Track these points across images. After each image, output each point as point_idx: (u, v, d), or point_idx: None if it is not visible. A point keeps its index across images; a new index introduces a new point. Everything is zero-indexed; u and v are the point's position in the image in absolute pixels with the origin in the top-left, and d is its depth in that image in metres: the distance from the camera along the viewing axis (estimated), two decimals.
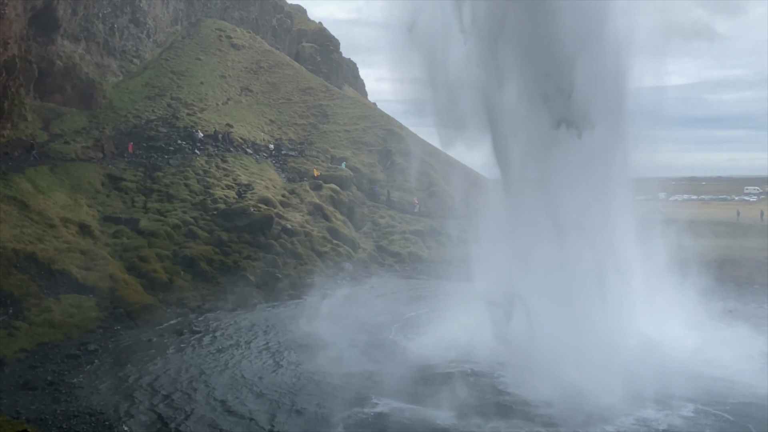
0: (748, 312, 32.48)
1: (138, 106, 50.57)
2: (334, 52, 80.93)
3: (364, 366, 23.42)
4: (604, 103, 24.51)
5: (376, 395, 20.55)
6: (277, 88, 63.56)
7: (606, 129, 24.47)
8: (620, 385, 19.45)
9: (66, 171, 39.16)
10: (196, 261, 35.59)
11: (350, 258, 42.61)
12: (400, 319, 30.53)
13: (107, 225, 36.52)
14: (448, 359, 23.82)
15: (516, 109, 24.51)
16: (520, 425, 18.35)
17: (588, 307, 21.30)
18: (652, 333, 23.67)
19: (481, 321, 24.34)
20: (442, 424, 18.48)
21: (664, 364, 21.52)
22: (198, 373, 22.94)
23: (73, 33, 46.99)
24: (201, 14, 66.15)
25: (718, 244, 44.08)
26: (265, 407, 19.88)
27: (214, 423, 18.68)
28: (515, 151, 24.73)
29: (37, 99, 43.72)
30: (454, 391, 20.40)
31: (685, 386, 20.41)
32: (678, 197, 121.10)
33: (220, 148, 49.65)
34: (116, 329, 27.92)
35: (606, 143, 24.51)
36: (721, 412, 19.35)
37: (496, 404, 19.85)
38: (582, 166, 23.23)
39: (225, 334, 28.18)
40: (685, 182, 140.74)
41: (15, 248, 29.16)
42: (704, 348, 24.27)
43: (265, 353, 25.56)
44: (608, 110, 24.78)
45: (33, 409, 19.28)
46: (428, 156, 58.11)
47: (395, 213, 51.17)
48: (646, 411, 19.24)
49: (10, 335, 24.63)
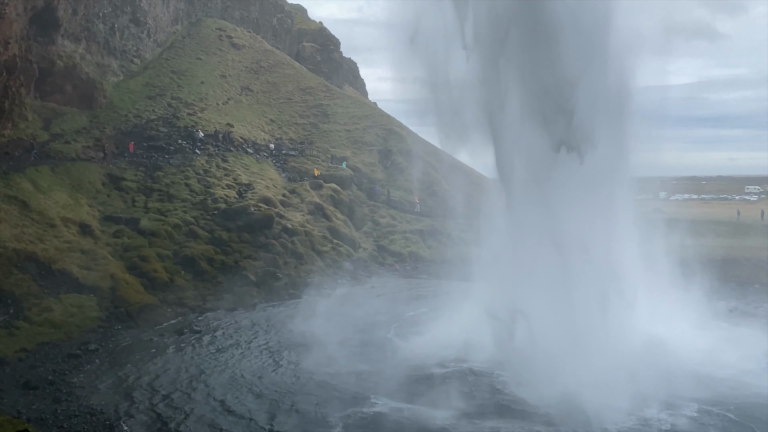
0: (749, 311, 32.53)
1: (138, 105, 50.61)
2: (334, 52, 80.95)
3: (363, 365, 23.45)
4: (607, 125, 24.41)
5: (375, 394, 20.59)
6: (277, 88, 63.59)
7: (609, 150, 24.38)
8: (624, 387, 19.44)
9: (66, 171, 39.21)
10: (196, 260, 35.62)
11: (351, 257, 42.65)
12: (400, 318, 30.50)
13: (108, 224, 36.57)
14: (447, 359, 23.87)
15: (519, 130, 24.32)
16: (521, 425, 18.38)
17: (590, 326, 21.23)
18: (659, 334, 23.75)
19: (480, 322, 24.32)
20: (440, 423, 18.51)
21: (668, 366, 21.53)
22: (198, 372, 22.99)
23: (74, 33, 47.02)
24: (201, 14, 66.19)
25: (720, 244, 44.07)
26: (264, 407, 19.91)
27: (214, 422, 18.71)
28: (518, 169, 24.52)
29: (38, 99, 43.76)
30: (452, 390, 20.43)
31: (689, 387, 20.42)
32: (679, 197, 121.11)
33: (221, 147, 49.70)
34: (117, 329, 27.96)
35: (609, 165, 24.41)
36: (725, 412, 19.33)
37: (495, 404, 19.89)
38: (585, 189, 23.11)
39: (225, 333, 28.22)
40: (685, 181, 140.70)
41: (15, 248, 29.21)
42: (709, 348, 24.29)
43: (265, 353, 25.60)
44: (611, 131, 24.69)
45: (33, 409, 19.33)
46: (429, 156, 58.07)
47: (396, 212, 51.19)
48: (650, 411, 19.21)
49: (11, 335, 24.68)
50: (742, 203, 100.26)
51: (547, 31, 23.78)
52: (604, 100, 24.44)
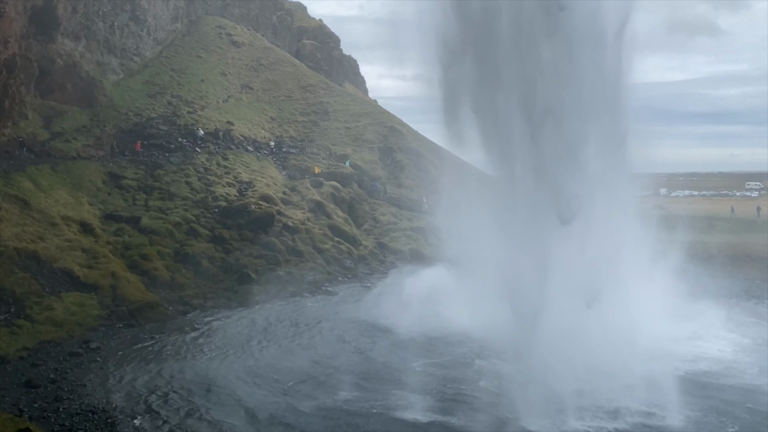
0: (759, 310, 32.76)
1: (139, 104, 50.59)
2: (334, 50, 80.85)
3: (354, 357, 23.96)
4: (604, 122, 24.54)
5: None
6: (277, 86, 63.54)
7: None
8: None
9: (67, 169, 39.22)
10: (197, 259, 35.62)
11: (351, 255, 42.65)
12: (398, 317, 30.37)
13: (108, 223, 36.59)
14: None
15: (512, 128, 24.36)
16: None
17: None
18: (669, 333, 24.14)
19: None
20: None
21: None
22: (199, 370, 23.02)
23: (74, 31, 46.97)
24: (201, 12, 66.11)
25: (719, 241, 44.15)
26: (265, 405, 19.95)
27: (215, 421, 18.76)
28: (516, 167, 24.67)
29: (38, 97, 43.72)
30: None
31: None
32: (679, 193, 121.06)
33: (221, 145, 49.70)
34: (118, 327, 28.00)
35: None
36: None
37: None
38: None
39: (226, 331, 28.24)
40: (686, 178, 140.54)
41: (16, 247, 29.23)
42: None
43: (265, 351, 25.65)
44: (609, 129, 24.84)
45: (35, 407, 19.38)
46: (429, 153, 58.10)
47: (396, 210, 51.16)
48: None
49: (13, 333, 24.71)
50: (742, 199, 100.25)
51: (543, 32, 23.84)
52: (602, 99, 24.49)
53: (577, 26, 23.81)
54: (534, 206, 23.04)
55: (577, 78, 23.59)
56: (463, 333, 26.82)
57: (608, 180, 24.44)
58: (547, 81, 23.45)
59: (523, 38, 24.16)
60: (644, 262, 27.80)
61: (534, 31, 23.99)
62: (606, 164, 24.49)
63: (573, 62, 23.59)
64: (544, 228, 22.37)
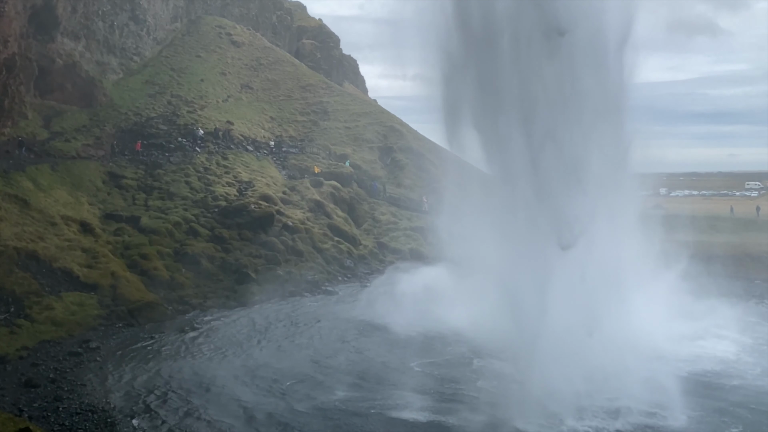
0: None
1: (138, 103, 50.60)
2: (334, 49, 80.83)
3: (353, 357, 24.06)
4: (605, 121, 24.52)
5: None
6: (277, 85, 63.54)
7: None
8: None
9: (67, 169, 39.23)
10: (196, 258, 35.63)
11: (351, 255, 42.67)
12: (397, 317, 30.38)
13: (108, 223, 36.60)
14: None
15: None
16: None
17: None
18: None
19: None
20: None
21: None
22: (198, 370, 23.04)
23: (73, 31, 46.98)
24: (201, 11, 66.11)
25: (720, 241, 44.13)
26: (263, 405, 19.97)
27: (213, 420, 18.78)
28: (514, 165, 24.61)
29: (38, 97, 43.74)
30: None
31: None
32: (679, 192, 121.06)
33: (221, 145, 49.70)
34: (118, 327, 28.01)
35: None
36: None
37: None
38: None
39: (226, 331, 28.28)
40: (686, 177, 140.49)
41: (16, 246, 29.24)
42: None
43: (264, 351, 25.68)
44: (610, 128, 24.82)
45: (35, 407, 19.38)
46: (429, 152, 58.06)
47: (396, 209, 51.15)
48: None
49: (12, 333, 24.73)
50: (742, 199, 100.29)
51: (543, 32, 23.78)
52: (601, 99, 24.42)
53: (578, 48, 23.62)
54: (534, 229, 22.84)
55: (579, 99, 23.44)
56: (461, 333, 26.84)
57: (610, 198, 24.21)
58: (549, 102, 23.35)
59: (523, 59, 24.11)
60: (647, 271, 27.73)
61: (534, 53, 23.91)
62: (608, 183, 24.17)
63: (574, 84, 23.43)
64: (544, 253, 22.20)
